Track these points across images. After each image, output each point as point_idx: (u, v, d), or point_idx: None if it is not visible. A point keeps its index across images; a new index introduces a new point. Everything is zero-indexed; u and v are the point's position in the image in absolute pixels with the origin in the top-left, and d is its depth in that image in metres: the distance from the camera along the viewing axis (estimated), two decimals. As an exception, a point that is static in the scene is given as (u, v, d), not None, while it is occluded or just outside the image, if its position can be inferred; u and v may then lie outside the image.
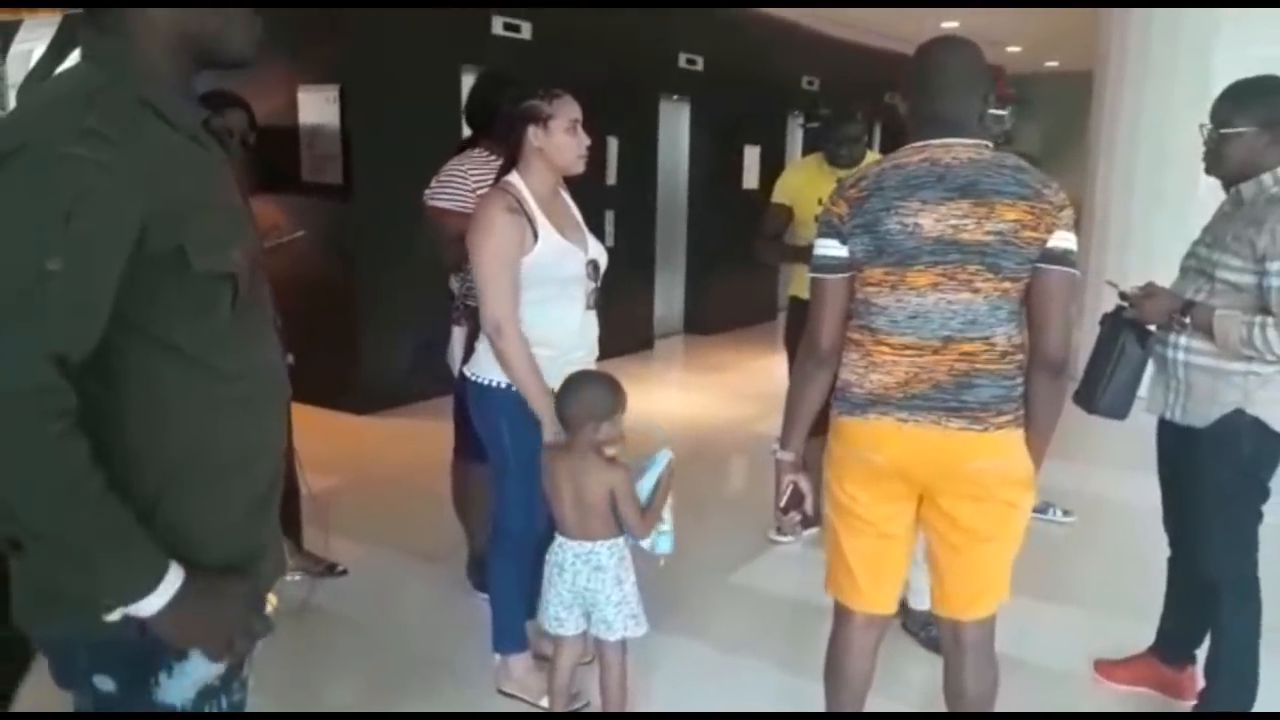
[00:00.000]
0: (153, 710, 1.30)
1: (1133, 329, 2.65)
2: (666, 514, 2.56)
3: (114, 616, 1.19)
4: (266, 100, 3.49)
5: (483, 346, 2.70)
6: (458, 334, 3.23)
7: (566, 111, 2.60)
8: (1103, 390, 2.70)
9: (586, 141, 2.65)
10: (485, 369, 2.68)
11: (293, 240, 3.42)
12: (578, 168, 2.68)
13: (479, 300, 2.60)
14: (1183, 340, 2.55)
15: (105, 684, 1.29)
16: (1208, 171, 2.61)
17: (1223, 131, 2.50)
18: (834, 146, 3.88)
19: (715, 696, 2.96)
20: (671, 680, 3.04)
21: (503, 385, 2.65)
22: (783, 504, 2.27)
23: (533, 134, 2.59)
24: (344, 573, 3.62)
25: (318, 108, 5.71)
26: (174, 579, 1.19)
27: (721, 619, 3.49)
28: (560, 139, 2.60)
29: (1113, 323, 2.70)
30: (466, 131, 3.51)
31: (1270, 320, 2.34)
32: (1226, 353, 2.44)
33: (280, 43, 5.47)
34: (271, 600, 1.38)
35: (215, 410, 1.30)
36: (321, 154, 5.74)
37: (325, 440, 5.25)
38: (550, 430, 2.55)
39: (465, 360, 2.90)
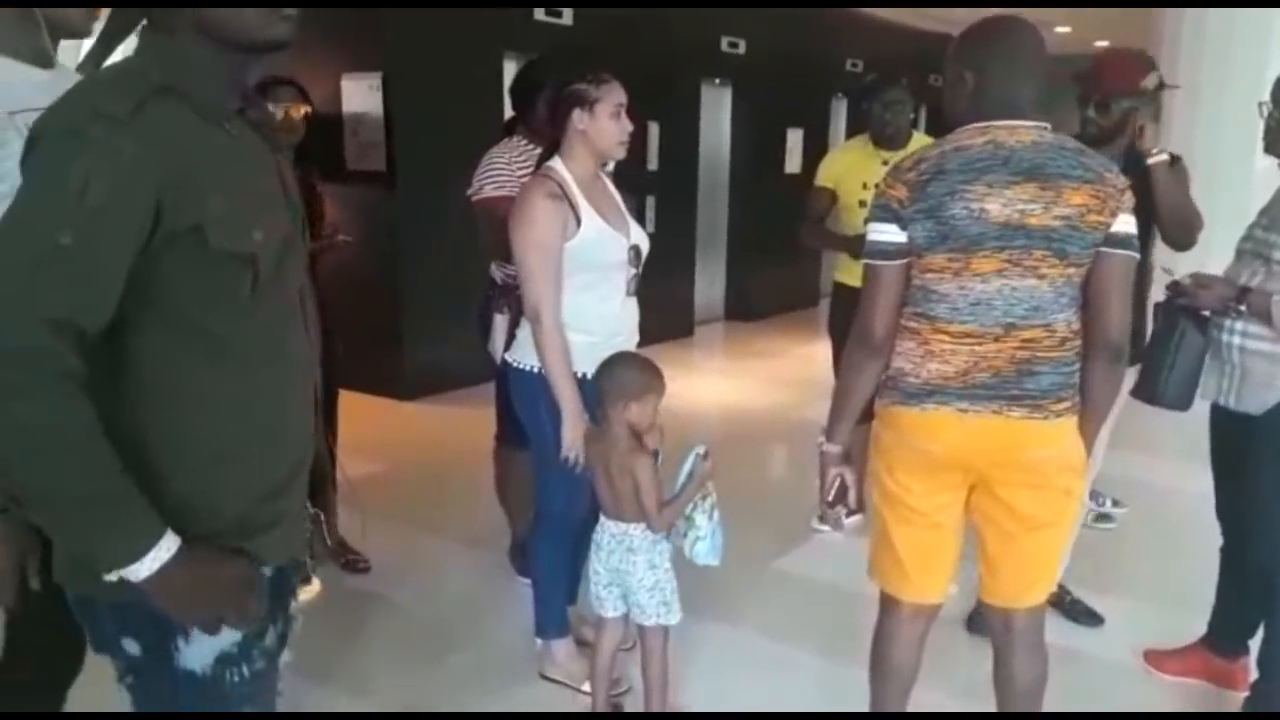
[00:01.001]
0: (175, 674, 1.35)
1: (1191, 317, 2.59)
2: (701, 518, 2.49)
3: (111, 578, 1.23)
4: (311, 89, 3.51)
5: (523, 333, 2.71)
6: (499, 321, 3.24)
7: (612, 96, 2.59)
8: (1165, 382, 2.65)
9: (629, 127, 2.64)
10: (526, 355, 2.69)
11: (345, 242, 3.43)
12: (619, 153, 2.67)
13: (521, 287, 2.61)
14: (1238, 325, 2.49)
15: (132, 646, 1.34)
16: (1267, 151, 2.54)
17: (1269, 109, 2.43)
18: (879, 110, 3.79)
19: (757, 683, 2.96)
20: (713, 666, 3.04)
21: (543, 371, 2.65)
22: (830, 498, 2.25)
23: (577, 117, 2.58)
24: (366, 569, 3.62)
25: (361, 95, 5.75)
26: (166, 548, 1.22)
27: (764, 606, 3.48)
28: (604, 123, 2.59)
29: (1168, 311, 2.64)
30: (509, 114, 3.50)
31: (1331, 304, 2.28)
32: (1285, 337, 2.38)
33: (324, 32, 5.52)
34: (315, 584, 1.40)
35: (232, 392, 1.33)
36: (365, 141, 5.78)
37: (369, 426, 5.32)
38: (570, 421, 2.55)
39: (507, 347, 2.91)
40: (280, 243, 1.36)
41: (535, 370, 2.67)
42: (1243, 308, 2.45)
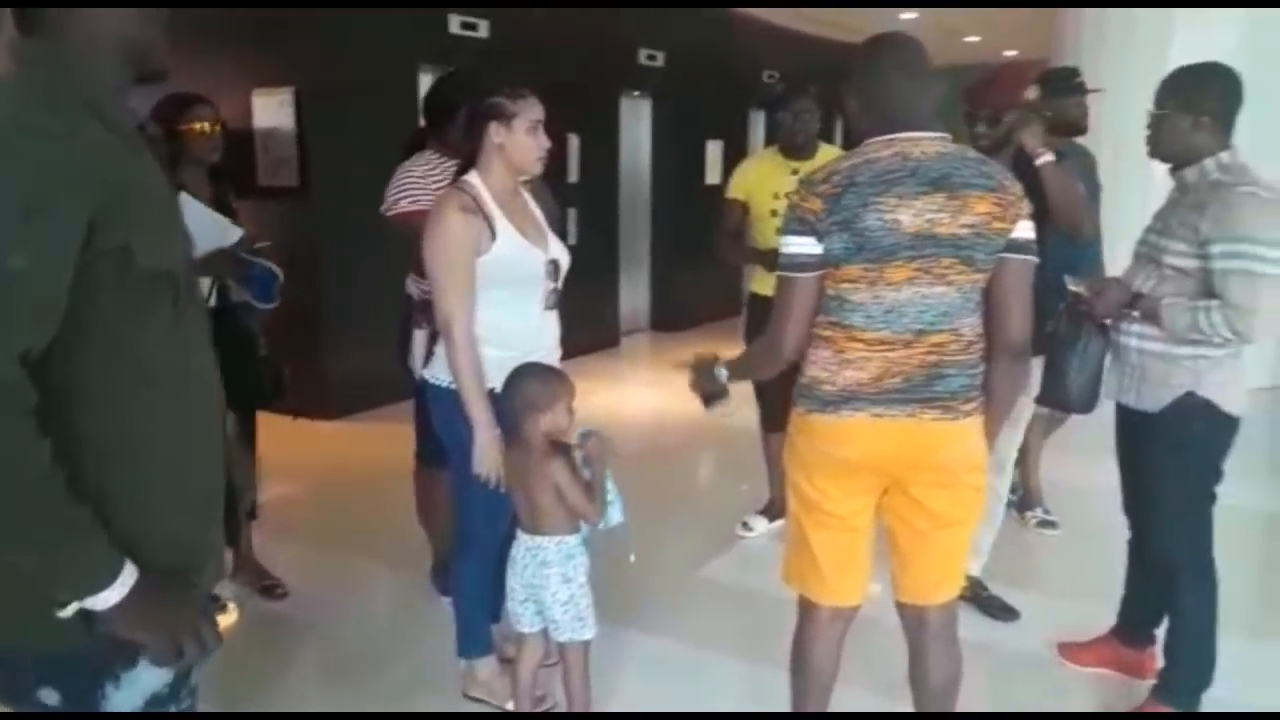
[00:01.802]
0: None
1: (1092, 324, 2.69)
2: (609, 485, 2.52)
3: (68, 612, 1.21)
4: (220, 106, 3.45)
5: (440, 350, 2.68)
6: (419, 337, 3.20)
7: (530, 111, 2.57)
8: (1071, 386, 2.76)
9: (547, 144, 2.62)
10: (444, 372, 2.66)
11: (267, 247, 3.38)
12: (536, 169, 2.66)
13: (434, 302, 2.58)
14: (1135, 326, 2.59)
15: (51, 697, 1.30)
16: (1151, 154, 2.64)
17: (1154, 113, 2.55)
18: (789, 120, 3.84)
19: (682, 692, 2.96)
20: (639, 677, 3.04)
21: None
22: (708, 406, 2.37)
23: (494, 130, 2.56)
24: (283, 595, 3.54)
25: (272, 111, 5.66)
26: (130, 574, 1.21)
27: (689, 614, 3.49)
28: (521, 138, 2.57)
29: (1071, 319, 2.74)
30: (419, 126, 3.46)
31: (1215, 304, 2.38)
32: (1177, 338, 2.48)
33: (232, 47, 5.43)
34: (232, 611, 1.39)
35: (158, 410, 1.30)
36: (277, 157, 5.69)
37: (288, 446, 5.19)
38: (482, 437, 2.52)
39: (425, 363, 2.88)
40: (189, 260, 1.35)
41: (453, 387, 2.64)
42: (1135, 313, 2.55)
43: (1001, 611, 3.44)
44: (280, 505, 4.33)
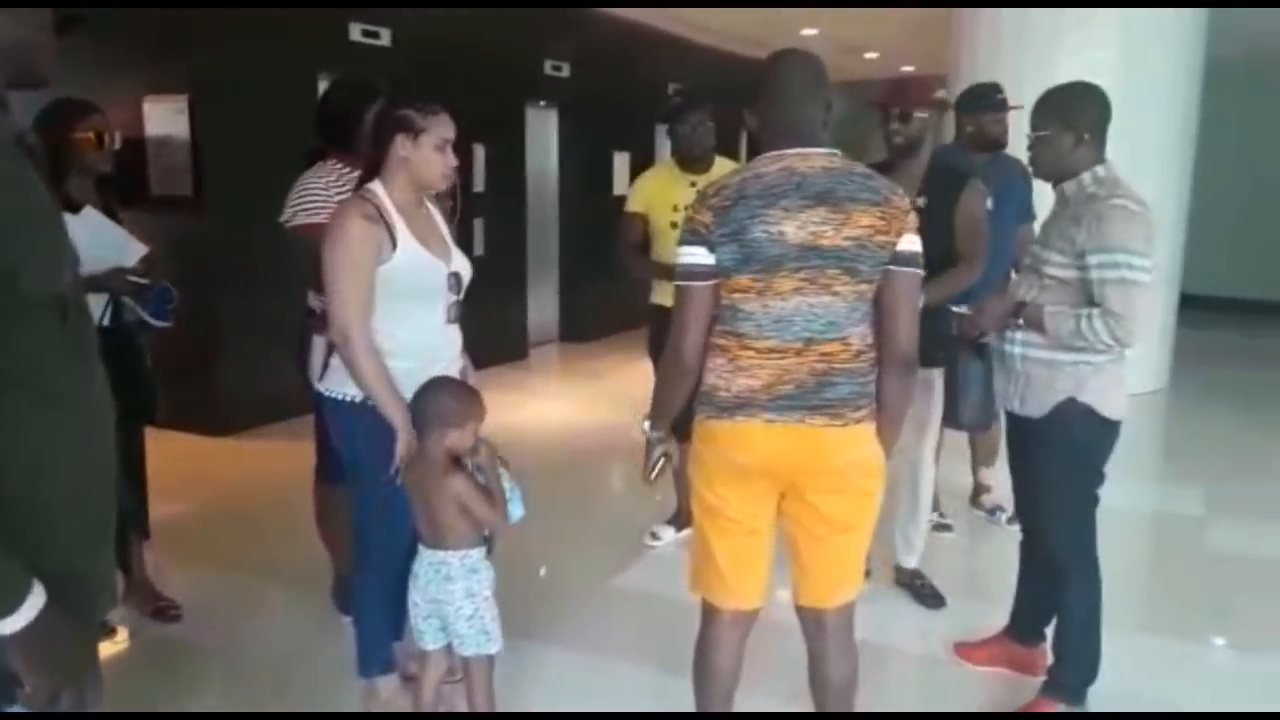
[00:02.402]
0: None
1: (968, 348, 2.83)
2: (507, 485, 2.50)
3: None
4: (110, 112, 3.34)
5: (336, 361, 2.63)
6: (318, 344, 3.12)
7: (440, 129, 2.55)
8: (963, 409, 2.98)
9: (454, 162, 2.60)
10: (339, 384, 2.62)
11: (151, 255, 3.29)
12: (440, 186, 2.64)
13: (329, 309, 2.52)
14: (1019, 335, 2.69)
15: None
16: (1035, 174, 2.77)
17: (1033, 134, 2.66)
18: (686, 132, 3.89)
19: (590, 702, 2.96)
20: (547, 689, 3.03)
21: (358, 400, 2.58)
22: (652, 477, 2.34)
23: (400, 143, 2.53)
24: (177, 617, 3.42)
25: (165, 119, 5.49)
26: (36, 600, 1.17)
27: (597, 625, 3.49)
28: (428, 154, 2.54)
29: (947, 347, 2.87)
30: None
31: (1096, 311, 2.50)
32: (1060, 345, 2.58)
33: (123, 53, 5.25)
34: (123, 637, 1.35)
35: (51, 436, 1.26)
36: (170, 166, 5.52)
37: (181, 465, 5.05)
38: (404, 439, 2.49)
39: (321, 376, 2.82)
40: (76, 278, 1.31)
41: (351, 399, 2.59)
42: (1020, 321, 2.66)
43: (931, 599, 3.59)
44: (174, 525, 4.19)
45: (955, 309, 2.95)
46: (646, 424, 2.33)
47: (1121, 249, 2.48)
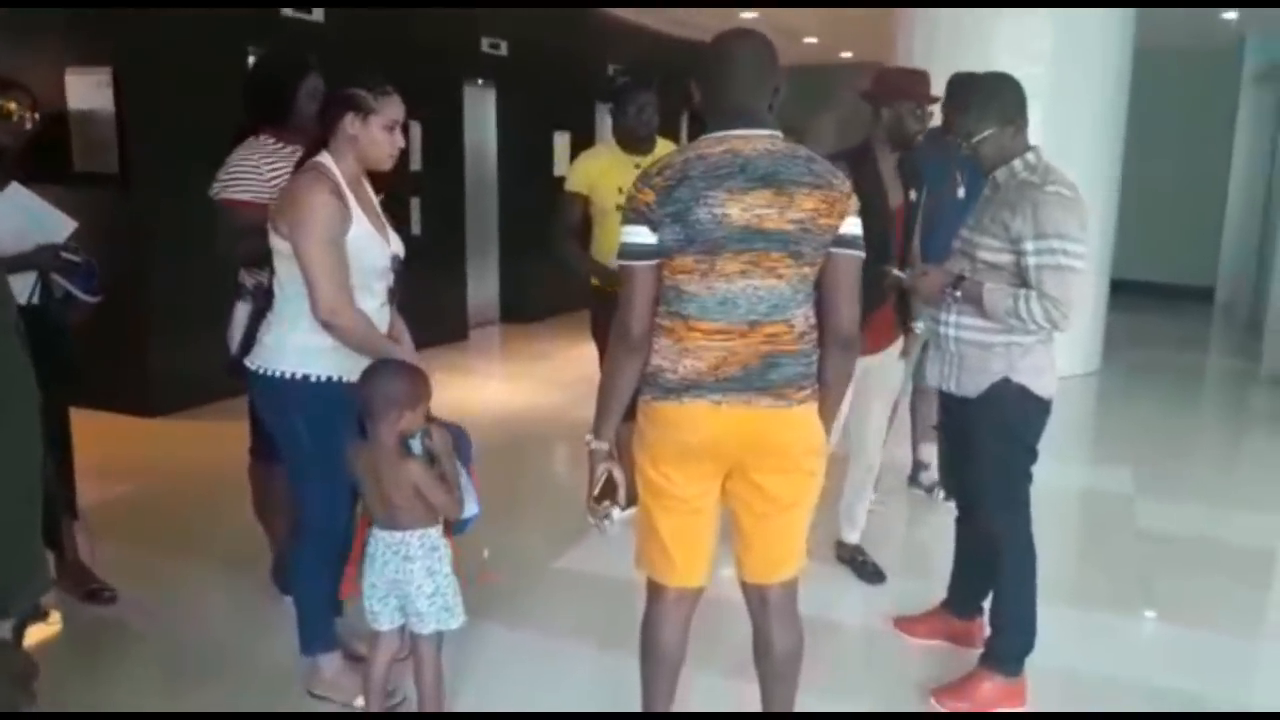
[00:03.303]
0: None
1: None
2: (463, 480, 2.50)
3: None
4: (30, 84, 3.21)
5: (269, 337, 2.58)
6: (240, 310, 3.03)
7: (390, 110, 2.53)
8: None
9: (401, 143, 2.58)
10: (273, 360, 2.56)
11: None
12: (386, 165, 2.60)
13: (309, 288, 2.44)
14: (953, 317, 2.74)
15: None
16: (983, 174, 2.80)
17: (975, 140, 2.69)
18: (633, 112, 3.86)
19: (533, 681, 2.96)
20: (492, 669, 3.01)
21: (296, 376, 2.53)
22: (596, 492, 2.28)
23: (350, 121, 2.49)
24: (111, 599, 3.34)
25: (88, 92, 5.30)
26: None
27: (543, 605, 3.48)
28: (377, 134, 2.52)
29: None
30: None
31: (1034, 293, 2.55)
32: (995, 323, 2.63)
33: (43, 22, 5.05)
34: (55, 621, 1.30)
35: None
36: (94, 141, 5.34)
37: (111, 446, 4.92)
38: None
39: (246, 350, 2.74)
40: None
41: (283, 375, 2.54)
42: (958, 294, 2.69)
43: (873, 575, 3.66)
44: (106, 506, 4.08)
45: (894, 271, 2.97)
46: (589, 436, 2.27)
47: (1057, 235, 2.53)
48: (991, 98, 2.69)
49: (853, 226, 2.08)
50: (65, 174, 5.25)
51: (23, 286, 2.97)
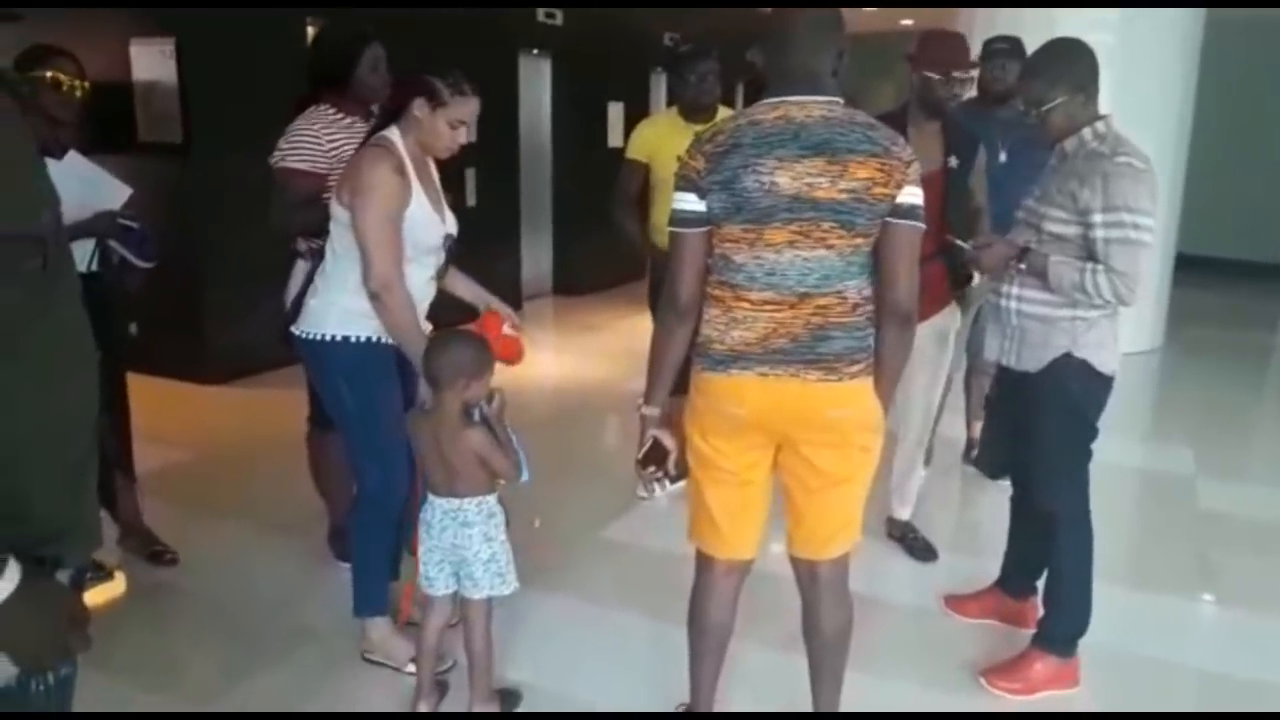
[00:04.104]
0: None
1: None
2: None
3: None
4: (94, 55, 3.26)
5: (315, 301, 2.66)
6: (299, 269, 3.10)
7: (460, 110, 2.58)
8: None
9: (463, 140, 2.63)
10: (316, 324, 2.63)
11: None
12: (441, 156, 2.68)
13: (363, 259, 2.52)
14: (1015, 290, 2.68)
15: None
16: (1049, 144, 2.72)
17: (1044, 109, 2.60)
18: (694, 81, 3.84)
19: (581, 649, 3.00)
20: (539, 636, 3.05)
21: (337, 338, 2.61)
22: (640, 456, 2.29)
23: (418, 105, 2.55)
24: (174, 561, 3.44)
25: (152, 62, 5.39)
26: (10, 579, 1.14)
27: (590, 574, 3.51)
28: (440, 127, 2.58)
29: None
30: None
31: (1100, 267, 2.48)
32: (1059, 296, 2.57)
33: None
34: (119, 580, 1.33)
35: (27, 381, 1.22)
36: (159, 112, 5.43)
37: (173, 413, 5.05)
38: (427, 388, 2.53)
39: (297, 312, 2.79)
40: (58, 219, 1.27)
41: (327, 339, 2.61)
42: (1023, 266, 2.63)
43: (924, 553, 3.63)
44: (170, 471, 4.19)
45: (957, 242, 2.92)
46: (640, 402, 2.29)
47: (1126, 208, 2.45)
48: (1063, 64, 2.60)
49: (911, 196, 2.02)
50: (131, 144, 5.35)
51: (81, 254, 3.04)
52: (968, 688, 2.83)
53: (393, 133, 2.59)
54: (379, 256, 2.50)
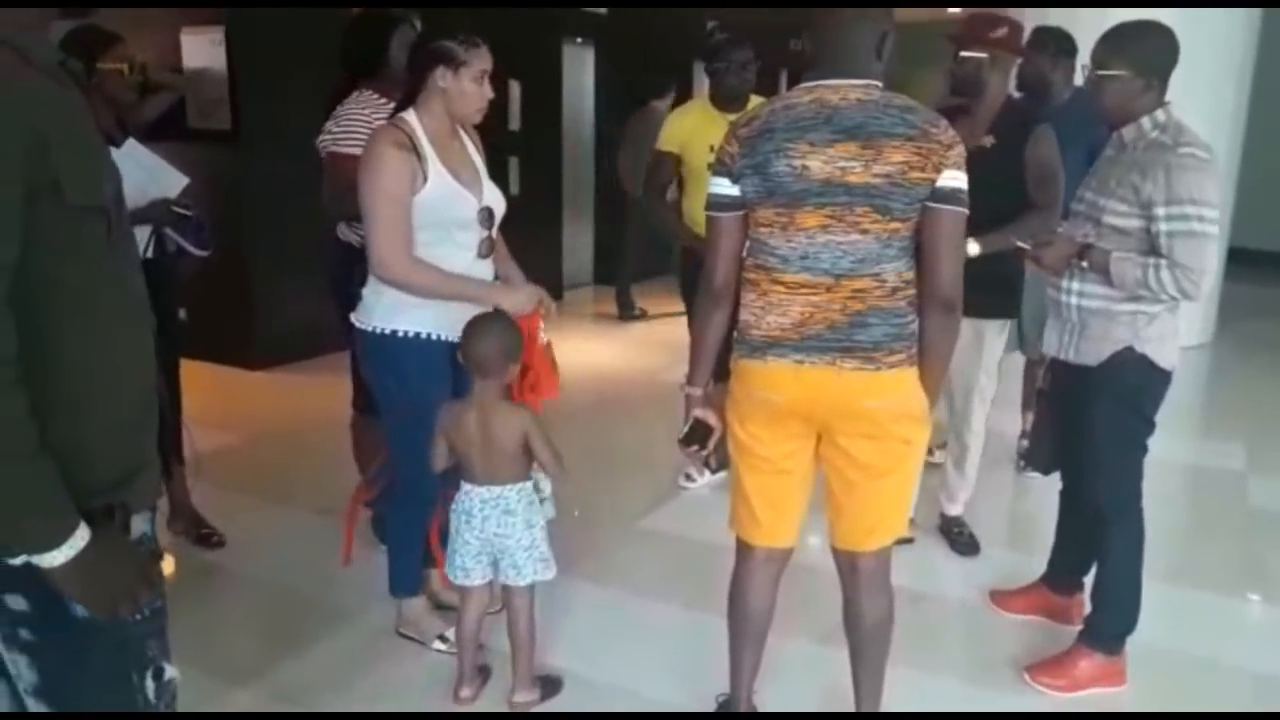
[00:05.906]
0: (73, 621, 1.32)
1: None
2: (542, 479, 2.56)
3: (16, 562, 1.24)
4: (147, 44, 3.31)
5: (367, 291, 2.65)
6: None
7: (479, 62, 2.54)
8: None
9: (490, 94, 2.59)
10: (366, 316, 2.64)
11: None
12: (476, 119, 2.64)
13: (366, 240, 2.52)
14: (1074, 284, 2.62)
15: (18, 603, 1.31)
16: (1096, 114, 2.66)
17: (1100, 74, 2.54)
18: (732, 70, 3.80)
19: (623, 637, 3.00)
20: (580, 624, 3.06)
21: (387, 332, 2.60)
22: (683, 435, 2.29)
23: (439, 74, 2.52)
24: (220, 543, 3.51)
25: (202, 51, 5.46)
26: (81, 537, 1.23)
27: (630, 563, 3.51)
28: (466, 86, 2.54)
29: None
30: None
31: (1164, 262, 2.42)
32: (1122, 292, 2.51)
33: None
34: (170, 563, 1.41)
35: (91, 340, 1.31)
36: (208, 99, 5.50)
37: (219, 397, 5.12)
38: (514, 299, 2.57)
39: (354, 307, 2.81)
40: (119, 191, 1.36)
41: (377, 331, 2.61)
42: (1085, 264, 2.57)
43: (966, 547, 3.58)
44: (216, 455, 4.23)
45: (1019, 243, 2.86)
46: (684, 382, 2.31)
47: (1191, 200, 2.38)
48: (1133, 40, 2.52)
49: (952, 180, 1.97)
50: (181, 131, 5.42)
51: (138, 241, 3.08)
52: (1012, 684, 2.79)
53: (408, 113, 2.56)
54: (375, 235, 2.46)
